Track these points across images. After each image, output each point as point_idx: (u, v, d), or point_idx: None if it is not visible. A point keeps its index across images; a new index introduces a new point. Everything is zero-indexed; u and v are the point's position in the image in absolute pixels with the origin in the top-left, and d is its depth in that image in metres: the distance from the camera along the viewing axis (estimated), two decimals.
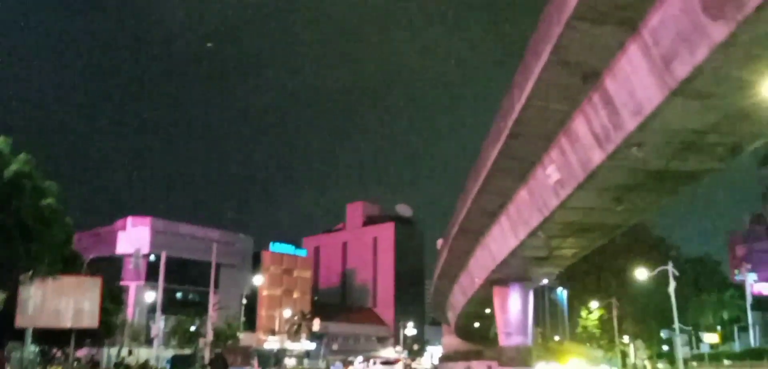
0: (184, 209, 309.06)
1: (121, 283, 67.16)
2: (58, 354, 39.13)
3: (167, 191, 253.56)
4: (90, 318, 32.92)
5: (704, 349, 50.99)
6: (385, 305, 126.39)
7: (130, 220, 78.88)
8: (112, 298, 42.22)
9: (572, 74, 20.96)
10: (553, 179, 27.44)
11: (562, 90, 22.15)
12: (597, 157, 23.05)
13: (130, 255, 44.82)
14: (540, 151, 27.32)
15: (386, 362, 73.62)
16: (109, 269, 62.44)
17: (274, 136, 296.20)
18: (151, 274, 61.38)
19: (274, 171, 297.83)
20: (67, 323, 32.06)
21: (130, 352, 49.44)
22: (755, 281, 65.68)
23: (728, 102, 18.26)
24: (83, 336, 36.97)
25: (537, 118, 24.46)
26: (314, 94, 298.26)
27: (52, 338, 35.33)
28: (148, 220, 78.44)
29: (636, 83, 19.18)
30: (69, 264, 32.63)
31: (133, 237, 68.00)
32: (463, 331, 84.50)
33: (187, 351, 61.54)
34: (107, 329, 39.34)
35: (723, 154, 21.99)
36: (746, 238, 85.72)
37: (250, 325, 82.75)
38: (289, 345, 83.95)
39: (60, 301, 31.71)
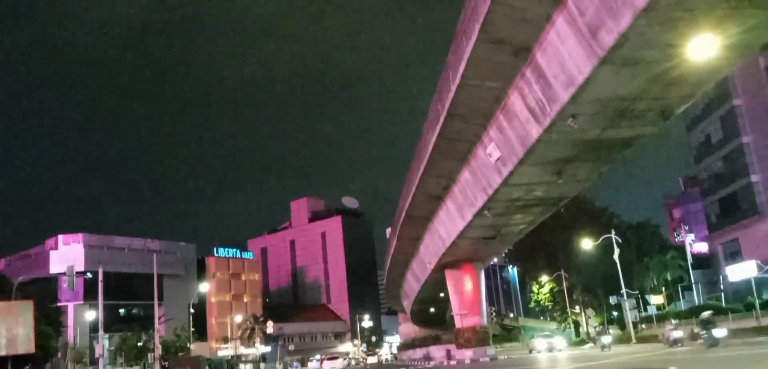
0: (119, 222, 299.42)
1: (59, 304, 64.20)
2: None
3: (99, 206, 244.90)
4: (25, 343, 31.51)
5: (652, 311, 52.57)
6: (339, 300, 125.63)
7: (61, 238, 75.15)
8: (49, 321, 40.17)
9: (503, 50, 20.81)
10: (494, 157, 27.40)
11: (494, 67, 22.00)
12: (534, 131, 23.05)
13: (64, 274, 42.84)
14: (479, 130, 27.23)
15: (331, 358, 73.52)
16: (45, 291, 59.67)
17: (208, 138, 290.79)
18: (89, 292, 58.69)
19: (211, 174, 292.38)
20: (1, 351, 30.49)
21: None
22: (693, 241, 68.26)
23: (655, 67, 18.43)
24: (21, 362, 35.26)
25: (473, 97, 24.30)
26: (247, 92, 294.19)
27: None
28: (80, 236, 74.89)
29: (565, 55, 19.15)
30: None
31: (66, 255, 64.72)
32: (420, 317, 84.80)
33: (136, 367, 59.50)
34: (45, 353, 37.39)
35: (654, 118, 22.31)
36: (681, 201, 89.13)
37: (202, 334, 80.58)
38: (244, 350, 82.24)
39: None
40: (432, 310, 77.83)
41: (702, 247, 65.50)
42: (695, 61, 17.68)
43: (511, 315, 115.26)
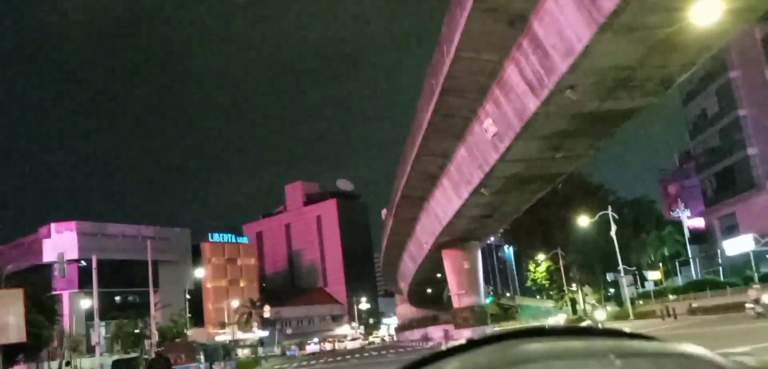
0: (111, 209, 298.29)
1: (54, 292, 63.66)
2: None
3: (92, 193, 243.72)
4: (16, 332, 30.63)
5: (649, 287, 52.38)
6: (336, 283, 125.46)
7: (53, 226, 74.58)
8: (41, 309, 39.58)
9: (498, 20, 20.25)
10: (490, 133, 26.88)
11: (490, 38, 21.44)
12: (532, 104, 22.52)
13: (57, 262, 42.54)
14: (475, 105, 26.69)
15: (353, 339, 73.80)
16: (39, 280, 59.03)
17: (200, 122, 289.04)
18: (84, 279, 58.08)
19: (204, 159, 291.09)
20: None
21: (67, 363, 46.80)
22: (689, 217, 68.05)
23: (656, 33, 17.90)
24: (14, 352, 34.69)
25: (468, 70, 23.75)
26: (240, 76, 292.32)
27: None
28: (73, 224, 74.39)
29: (564, 23, 18.59)
30: None
31: (59, 243, 64.24)
32: (417, 298, 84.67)
33: (133, 355, 59.10)
34: (38, 342, 36.88)
35: (654, 88, 21.81)
36: (677, 176, 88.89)
37: (198, 320, 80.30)
38: (241, 335, 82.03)
39: None
40: (429, 290, 77.69)
41: (698, 223, 65.25)
42: (698, 26, 17.20)
43: (508, 294, 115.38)
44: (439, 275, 60.76)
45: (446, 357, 1.20)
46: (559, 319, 53.89)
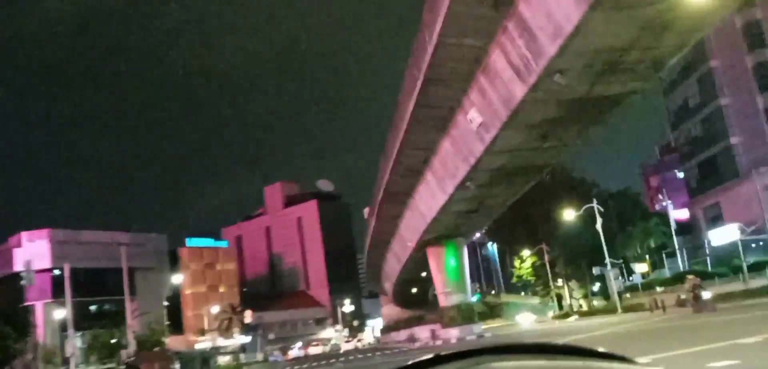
0: (86, 217, 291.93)
1: (27, 303, 61.67)
2: None
3: (65, 200, 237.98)
4: None
5: (636, 280, 51.97)
6: (318, 285, 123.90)
7: (24, 235, 72.39)
8: (8, 320, 37.87)
9: (483, 3, 19.28)
10: (475, 123, 25.94)
11: (474, 23, 20.51)
12: (519, 91, 21.62)
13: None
14: (459, 95, 25.74)
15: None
16: (11, 290, 57.05)
17: (176, 125, 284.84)
18: (57, 289, 56.17)
19: (179, 163, 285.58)
20: None
21: None
22: (673, 209, 67.95)
23: (649, 10, 17.09)
24: None
25: (451, 58, 22.78)
26: (216, 78, 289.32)
27: None
28: (45, 232, 72.25)
29: (552, 3, 17.71)
30: None
31: (31, 252, 62.10)
32: (402, 298, 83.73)
33: (110, 365, 57.36)
34: (6, 355, 35.23)
35: (645, 71, 21.04)
36: (659, 168, 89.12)
37: (177, 327, 78.29)
38: (222, 342, 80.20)
39: None
40: (414, 290, 76.76)
41: (682, 214, 65.15)
42: (690, 3, 16.43)
43: (493, 292, 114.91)
44: (423, 274, 59.85)
45: None
46: (525, 319, 54.71)
